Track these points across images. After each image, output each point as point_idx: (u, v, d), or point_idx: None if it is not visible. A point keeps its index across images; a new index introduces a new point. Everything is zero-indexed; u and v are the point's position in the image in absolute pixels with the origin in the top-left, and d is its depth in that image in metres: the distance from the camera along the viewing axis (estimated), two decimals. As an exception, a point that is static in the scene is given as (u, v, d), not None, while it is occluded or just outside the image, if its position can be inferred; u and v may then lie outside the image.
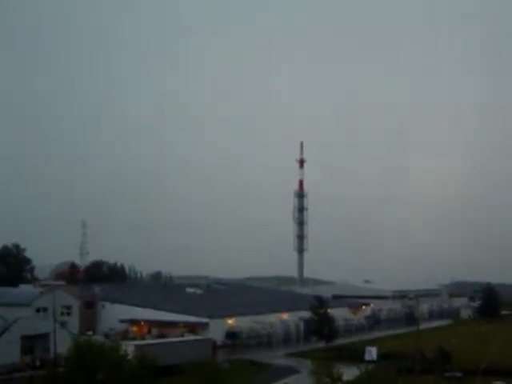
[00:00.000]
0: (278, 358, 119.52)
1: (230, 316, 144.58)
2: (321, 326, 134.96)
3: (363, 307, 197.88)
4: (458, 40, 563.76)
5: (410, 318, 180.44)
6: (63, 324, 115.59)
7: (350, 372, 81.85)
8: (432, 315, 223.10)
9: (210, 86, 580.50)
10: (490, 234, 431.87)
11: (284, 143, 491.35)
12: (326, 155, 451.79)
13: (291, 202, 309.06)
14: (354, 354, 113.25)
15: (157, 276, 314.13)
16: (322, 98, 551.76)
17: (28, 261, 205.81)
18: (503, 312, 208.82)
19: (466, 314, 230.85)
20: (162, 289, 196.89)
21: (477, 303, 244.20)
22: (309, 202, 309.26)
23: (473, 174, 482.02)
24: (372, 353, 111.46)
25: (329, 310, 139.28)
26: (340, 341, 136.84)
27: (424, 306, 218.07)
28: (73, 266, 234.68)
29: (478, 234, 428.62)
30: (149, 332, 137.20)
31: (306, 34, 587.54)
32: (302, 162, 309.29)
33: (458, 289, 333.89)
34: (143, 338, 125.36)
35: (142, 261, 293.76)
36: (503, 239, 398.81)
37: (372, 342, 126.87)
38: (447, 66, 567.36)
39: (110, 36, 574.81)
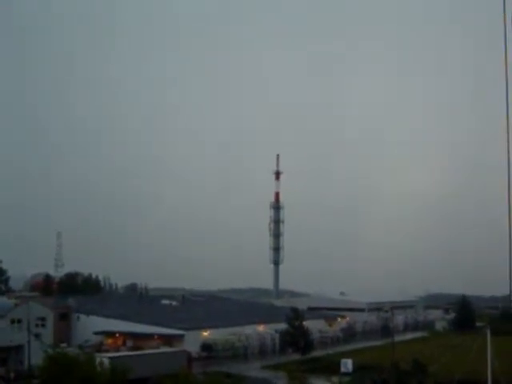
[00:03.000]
0: (253, 370, 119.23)
1: (205, 328, 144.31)
2: (296, 338, 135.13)
3: (339, 319, 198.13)
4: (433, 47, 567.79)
5: (386, 330, 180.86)
6: (38, 336, 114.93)
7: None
8: (407, 327, 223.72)
9: (185, 98, 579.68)
10: (465, 246, 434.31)
11: (260, 155, 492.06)
12: (302, 167, 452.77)
13: (267, 214, 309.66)
14: (329, 366, 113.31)
15: (132, 288, 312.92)
16: (297, 110, 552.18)
17: (2, 272, 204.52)
18: (478, 324, 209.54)
19: (440, 326, 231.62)
20: (137, 301, 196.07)
21: (451, 315, 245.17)
22: (285, 214, 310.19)
23: (445, 186, 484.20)
24: (347, 365, 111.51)
25: (304, 322, 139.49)
26: (316, 353, 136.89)
27: (399, 318, 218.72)
28: (47, 278, 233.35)
29: (452, 246, 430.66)
30: (124, 344, 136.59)
31: (278, 48, 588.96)
32: (278, 174, 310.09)
33: (432, 301, 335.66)
34: (118, 350, 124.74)
35: (117, 272, 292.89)
36: (478, 252, 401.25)
37: (347, 354, 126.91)
38: (419, 72, 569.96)
39: (106, 35, 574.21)
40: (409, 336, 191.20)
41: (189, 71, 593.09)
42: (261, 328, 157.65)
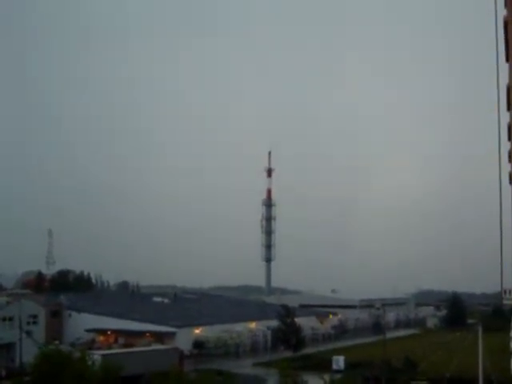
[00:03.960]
0: (245, 367, 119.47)
1: (197, 325, 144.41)
2: (288, 335, 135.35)
3: (330, 316, 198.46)
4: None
5: (377, 328, 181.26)
6: (29, 333, 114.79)
7: (317, 382, 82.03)
8: (398, 324, 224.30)
9: (176, 93, 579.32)
10: (457, 243, 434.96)
11: (252, 152, 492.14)
12: (294, 165, 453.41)
13: (259, 212, 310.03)
14: (321, 363, 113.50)
15: (124, 285, 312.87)
16: (290, 107, 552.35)
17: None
18: (469, 321, 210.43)
19: (432, 323, 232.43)
20: (128, 298, 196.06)
21: (443, 312, 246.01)
22: (277, 211, 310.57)
23: (437, 183, 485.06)
24: (339, 362, 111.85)
25: (296, 319, 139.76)
26: (307, 350, 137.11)
27: (390, 316, 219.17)
28: (39, 275, 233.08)
29: (444, 243, 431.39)
30: (115, 341, 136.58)
31: (273, 43, 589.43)
32: (270, 172, 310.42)
33: (424, 298, 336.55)
34: (110, 348, 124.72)
35: (108, 270, 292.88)
36: (469, 248, 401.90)
37: (339, 351, 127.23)
38: (408, 74, 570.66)
39: (104, 34, 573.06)
40: (400, 333, 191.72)
41: (183, 70, 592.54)
42: (252, 325, 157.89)
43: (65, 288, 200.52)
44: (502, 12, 28.61)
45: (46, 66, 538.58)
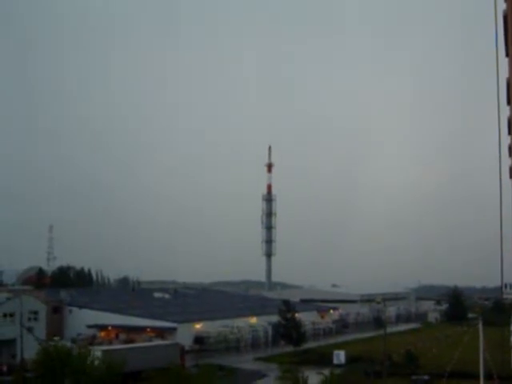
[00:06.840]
0: (246, 362, 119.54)
1: (198, 321, 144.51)
2: (289, 330, 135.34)
3: (331, 311, 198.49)
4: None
5: (378, 322, 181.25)
6: (30, 329, 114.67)
7: (317, 376, 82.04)
8: (399, 319, 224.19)
9: (176, 90, 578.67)
10: (458, 237, 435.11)
11: (252, 148, 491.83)
12: (294, 160, 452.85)
13: (260, 207, 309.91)
14: (322, 358, 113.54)
15: (124, 281, 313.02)
16: (290, 103, 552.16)
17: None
18: (470, 315, 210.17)
19: (432, 317, 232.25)
20: (129, 294, 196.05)
21: (444, 306, 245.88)
22: (277, 206, 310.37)
23: (437, 178, 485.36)
24: (340, 356, 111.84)
25: (297, 314, 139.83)
26: (308, 345, 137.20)
27: (391, 310, 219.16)
28: (40, 272, 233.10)
29: (445, 237, 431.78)
30: (116, 337, 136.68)
31: (272, 37, 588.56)
32: (270, 167, 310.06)
33: (424, 292, 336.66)
34: (111, 344, 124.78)
35: (109, 266, 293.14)
36: (470, 243, 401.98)
37: (340, 346, 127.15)
38: (404, 70, 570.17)
39: (101, 33, 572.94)
40: (401, 327, 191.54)
41: (183, 69, 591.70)
42: (253, 320, 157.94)
43: (65, 284, 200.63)
44: (502, 6, 28.55)
45: (41, 66, 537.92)
